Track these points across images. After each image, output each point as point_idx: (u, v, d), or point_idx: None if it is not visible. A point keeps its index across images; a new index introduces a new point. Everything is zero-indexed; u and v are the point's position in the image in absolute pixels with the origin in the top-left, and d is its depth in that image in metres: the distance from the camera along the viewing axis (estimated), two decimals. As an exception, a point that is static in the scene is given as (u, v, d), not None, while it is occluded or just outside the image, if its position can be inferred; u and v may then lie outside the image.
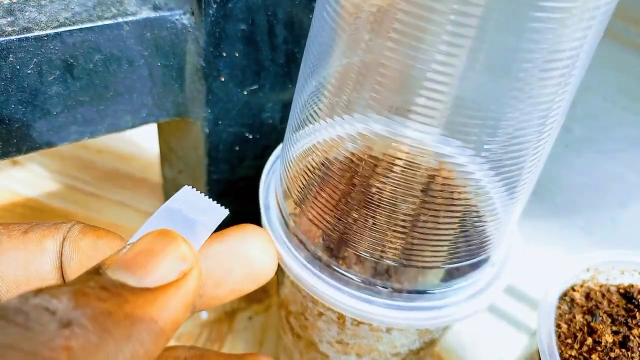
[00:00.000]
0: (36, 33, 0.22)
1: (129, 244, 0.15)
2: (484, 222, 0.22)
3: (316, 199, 0.21)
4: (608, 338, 0.25)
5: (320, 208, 0.21)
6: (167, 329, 0.13)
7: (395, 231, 0.20)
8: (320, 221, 0.22)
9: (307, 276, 0.23)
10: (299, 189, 0.22)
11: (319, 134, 0.21)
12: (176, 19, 0.25)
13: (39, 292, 0.12)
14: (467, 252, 0.22)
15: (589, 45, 0.18)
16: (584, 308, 0.27)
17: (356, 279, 0.22)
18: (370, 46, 0.18)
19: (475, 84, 0.17)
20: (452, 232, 0.21)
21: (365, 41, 0.18)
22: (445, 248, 0.21)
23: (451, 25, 0.16)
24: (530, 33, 0.16)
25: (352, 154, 0.20)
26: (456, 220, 0.21)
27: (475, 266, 0.23)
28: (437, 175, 0.20)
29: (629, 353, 0.24)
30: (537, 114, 0.18)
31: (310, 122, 0.21)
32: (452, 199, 0.20)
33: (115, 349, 0.11)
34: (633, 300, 0.27)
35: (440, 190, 0.20)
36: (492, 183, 0.21)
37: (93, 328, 0.11)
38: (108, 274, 0.13)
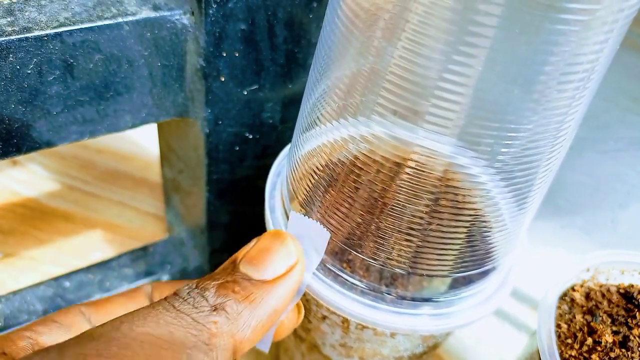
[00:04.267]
0: (36, 33, 0.22)
1: (254, 240, 0.21)
2: (492, 232, 0.21)
3: (322, 201, 0.21)
4: (608, 338, 0.25)
5: (326, 211, 0.21)
6: (278, 309, 0.19)
7: (400, 237, 0.20)
8: (325, 224, 0.21)
9: (311, 279, 0.22)
10: (305, 191, 0.22)
11: (327, 135, 0.21)
12: (176, 19, 0.25)
13: (198, 284, 0.19)
14: (474, 262, 0.22)
15: (606, 56, 0.17)
16: (584, 308, 0.27)
17: (361, 285, 0.22)
18: (383, 52, 0.17)
19: (490, 93, 0.17)
20: (458, 241, 0.21)
21: (378, 47, 0.18)
22: (451, 257, 0.21)
23: (467, 34, 0.16)
24: (548, 44, 0.16)
25: (360, 157, 0.20)
26: (463, 229, 0.20)
27: (483, 275, 0.23)
28: (445, 183, 0.19)
29: (629, 353, 0.24)
30: (551, 125, 0.18)
31: (319, 124, 0.21)
32: (459, 207, 0.20)
33: (244, 324, 0.18)
34: (633, 300, 0.27)
35: (448, 199, 0.19)
36: (502, 194, 0.20)
37: (230, 311, 0.18)
38: (240, 267, 0.19)
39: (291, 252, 0.20)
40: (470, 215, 0.20)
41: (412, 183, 0.19)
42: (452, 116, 0.17)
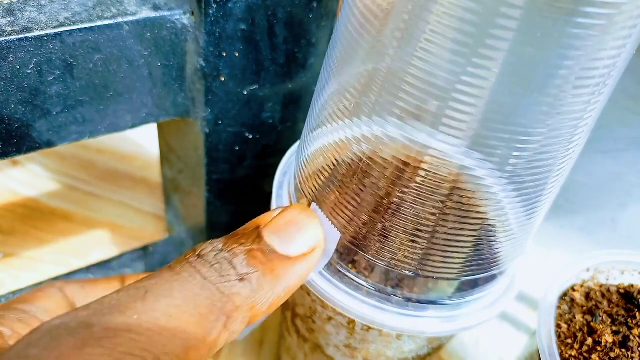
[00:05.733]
0: (36, 33, 0.22)
1: (279, 208, 0.20)
2: (499, 238, 0.21)
3: (330, 200, 0.21)
4: (608, 338, 0.25)
5: (333, 209, 0.21)
6: (292, 287, 0.19)
7: (406, 239, 0.20)
8: (332, 223, 0.21)
9: (318, 280, 0.22)
10: (313, 190, 0.22)
11: (337, 134, 0.21)
12: (176, 19, 0.25)
13: (225, 246, 0.18)
14: (480, 266, 0.21)
15: (623, 61, 0.17)
16: (584, 308, 0.27)
17: (366, 285, 0.22)
18: (400, 53, 0.17)
19: (503, 97, 0.17)
20: (465, 245, 0.20)
21: (394, 48, 0.17)
22: (458, 260, 0.21)
23: (487, 37, 0.15)
24: (565, 48, 0.16)
25: (371, 157, 0.20)
26: (470, 233, 0.20)
27: (490, 279, 0.23)
28: (454, 187, 0.19)
29: (629, 353, 0.24)
30: (565, 130, 0.18)
31: (329, 123, 0.21)
32: (467, 211, 0.20)
33: (264, 298, 0.18)
34: (633, 300, 0.27)
35: (455, 202, 0.19)
36: (510, 199, 0.20)
37: (256, 284, 0.18)
38: (265, 235, 0.19)
39: (317, 233, 0.20)
40: (478, 220, 0.20)
41: (421, 185, 0.19)
42: (467, 119, 0.17)
